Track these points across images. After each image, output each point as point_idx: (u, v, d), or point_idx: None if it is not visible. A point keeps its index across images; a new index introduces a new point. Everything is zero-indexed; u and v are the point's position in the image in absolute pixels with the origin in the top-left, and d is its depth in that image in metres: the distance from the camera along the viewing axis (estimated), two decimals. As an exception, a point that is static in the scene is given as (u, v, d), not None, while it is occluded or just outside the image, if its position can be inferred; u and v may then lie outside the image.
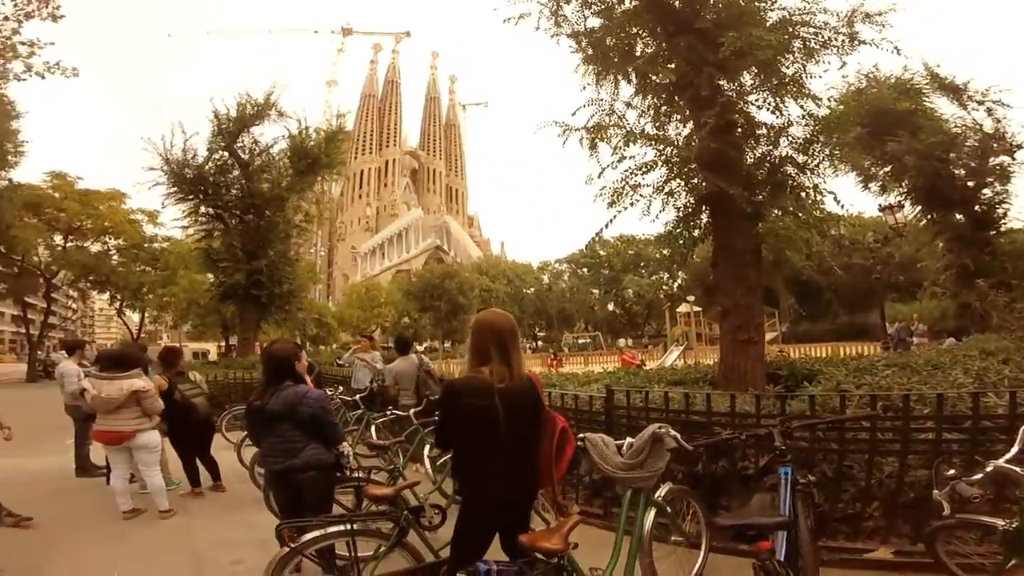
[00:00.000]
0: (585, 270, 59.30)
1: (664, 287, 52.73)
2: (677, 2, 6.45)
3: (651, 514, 2.65)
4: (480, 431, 2.18)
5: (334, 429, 3.18)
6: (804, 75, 6.13)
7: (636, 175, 6.22)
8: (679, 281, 48.91)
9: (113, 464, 4.95)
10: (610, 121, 6.57)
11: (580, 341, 48.17)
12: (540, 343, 59.10)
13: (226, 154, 16.02)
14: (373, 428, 5.95)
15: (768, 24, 6.01)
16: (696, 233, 6.79)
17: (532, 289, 60.06)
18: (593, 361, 28.29)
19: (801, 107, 6.13)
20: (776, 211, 6.21)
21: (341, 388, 7.92)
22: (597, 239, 7.60)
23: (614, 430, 4.15)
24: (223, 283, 16.23)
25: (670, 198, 6.50)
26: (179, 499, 5.22)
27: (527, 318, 57.61)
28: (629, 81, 7.03)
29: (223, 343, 32.31)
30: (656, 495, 2.76)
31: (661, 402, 4.32)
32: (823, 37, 6.02)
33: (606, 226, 6.50)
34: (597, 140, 6.47)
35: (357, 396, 7.10)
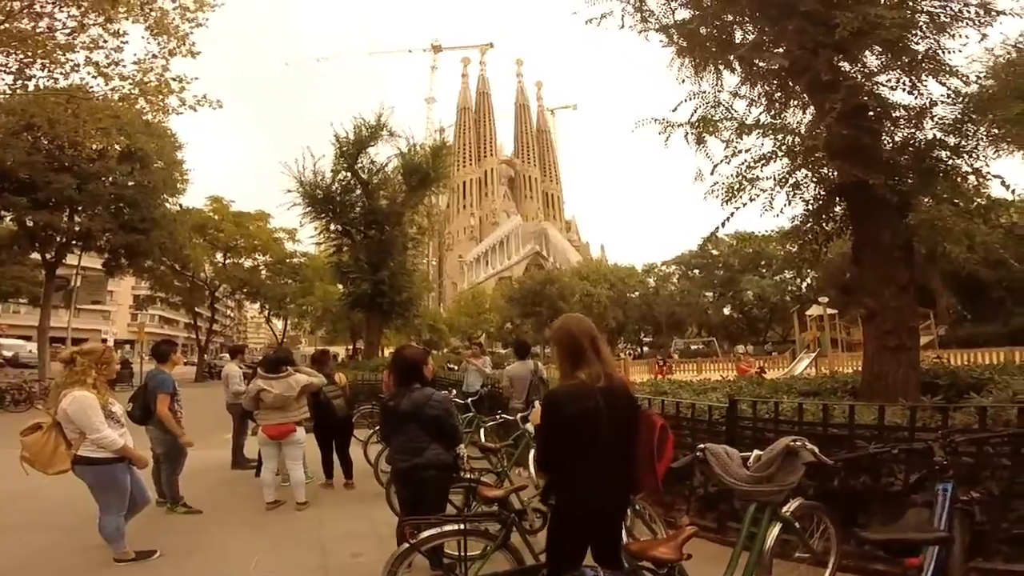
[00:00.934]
0: (697, 271, 54.79)
1: (791, 288, 47.78)
2: None
3: (775, 529, 2.56)
4: (584, 435, 2.14)
5: (455, 431, 3.33)
6: (939, 51, 5.29)
7: (754, 168, 5.73)
8: (808, 281, 44.17)
9: (265, 458, 5.52)
10: (716, 113, 6.17)
11: (692, 347, 45.23)
12: (646, 348, 56.80)
13: (349, 174, 17.67)
14: (482, 431, 6.17)
15: (883, 0, 5.27)
16: (829, 227, 6.11)
17: (637, 293, 57.21)
18: (707, 368, 26.41)
19: (944, 84, 5.30)
20: (927, 200, 5.38)
21: (454, 391, 8.30)
22: (711, 238, 7.11)
23: (736, 442, 3.88)
24: (352, 293, 18.00)
25: (796, 191, 5.95)
26: (313, 491, 5.73)
27: (631, 323, 55.58)
28: (732, 70, 6.57)
29: (351, 346, 35.66)
30: (784, 510, 2.64)
31: (793, 414, 3.97)
32: (952, 9, 5.17)
33: (723, 224, 6.05)
34: (704, 134, 6.10)
35: (468, 400, 7.40)
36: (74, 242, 20.26)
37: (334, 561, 3.94)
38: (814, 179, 5.96)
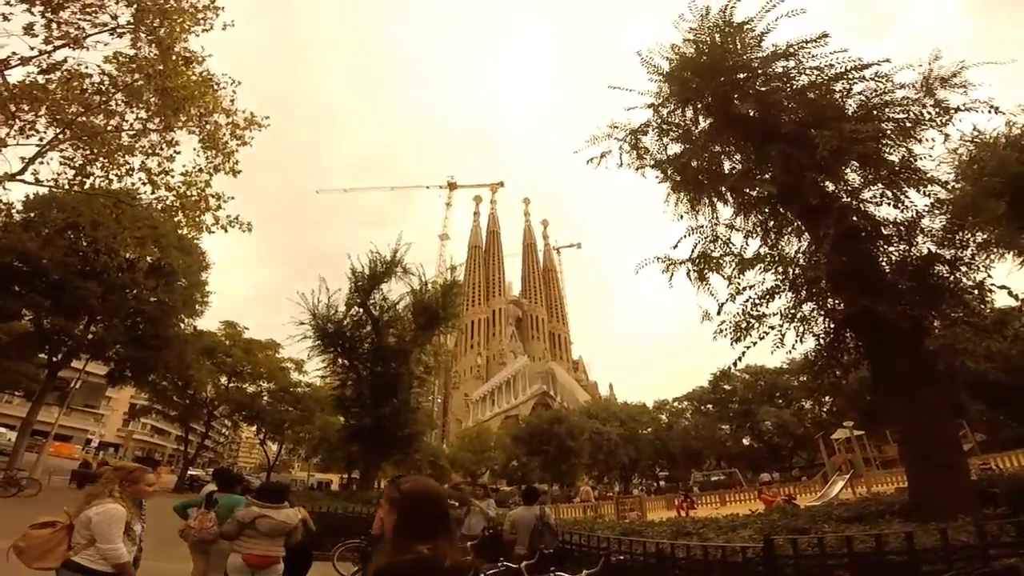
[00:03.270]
0: (711, 406, 54.42)
1: (810, 415, 46.59)
2: (752, 112, 6.44)
3: None
4: None
5: None
6: (912, 158, 5.64)
7: (759, 305, 5.76)
8: (827, 407, 42.79)
9: None
10: (716, 248, 6.31)
11: (712, 478, 42.24)
12: (662, 483, 53.74)
13: (361, 310, 18.08)
14: (482, 577, 5.44)
15: (849, 113, 5.75)
16: (845, 359, 5.91)
17: (649, 429, 56.01)
18: (732, 499, 24.10)
19: (925, 194, 5.54)
20: (938, 321, 5.30)
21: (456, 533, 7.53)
22: (724, 376, 6.90)
23: None
24: (352, 425, 17.66)
25: (805, 325, 5.90)
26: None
27: (645, 458, 53.91)
28: (725, 202, 6.86)
29: (346, 476, 33.72)
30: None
31: (840, 544, 3.51)
32: (913, 113, 5.62)
33: (734, 364, 5.92)
34: (706, 271, 6.20)
35: (468, 543, 6.87)
36: (83, 350, 20.42)
37: None
38: (821, 311, 5.94)
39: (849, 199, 5.80)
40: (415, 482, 2.03)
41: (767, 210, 6.54)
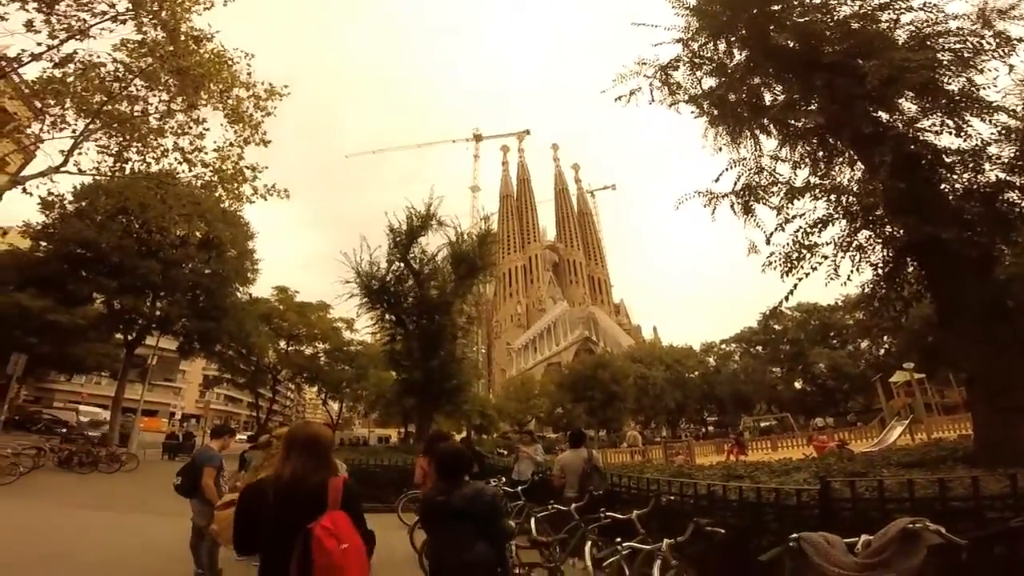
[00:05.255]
0: (760, 348, 52.49)
1: (867, 357, 44.23)
2: (792, 43, 5.90)
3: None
4: None
5: (503, 530, 3.13)
6: (974, 88, 5.06)
7: (811, 234, 5.47)
8: (886, 347, 40.85)
9: None
10: (761, 179, 6.04)
11: (763, 424, 41.66)
12: (710, 429, 53.39)
13: (402, 264, 18.49)
14: (533, 521, 5.69)
15: (899, 43, 5.18)
16: (906, 292, 5.55)
17: (696, 373, 54.91)
18: (784, 446, 23.91)
19: (991, 122, 5.00)
20: (1008, 250, 4.88)
21: (503, 479, 7.84)
22: (774, 314, 6.71)
23: (833, 527, 3.34)
24: (404, 379, 18.36)
25: (861, 254, 5.57)
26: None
27: (692, 403, 53.28)
28: (768, 134, 6.48)
29: (402, 429, 35.53)
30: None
31: (901, 489, 3.44)
32: (971, 44, 5.02)
33: (786, 298, 5.67)
34: (751, 203, 5.92)
35: (519, 488, 7.03)
36: (153, 326, 22.06)
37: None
38: (879, 240, 5.56)
39: (905, 129, 5.30)
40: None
41: (815, 140, 6.11)
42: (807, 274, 5.38)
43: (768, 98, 6.44)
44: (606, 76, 7.21)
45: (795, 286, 5.42)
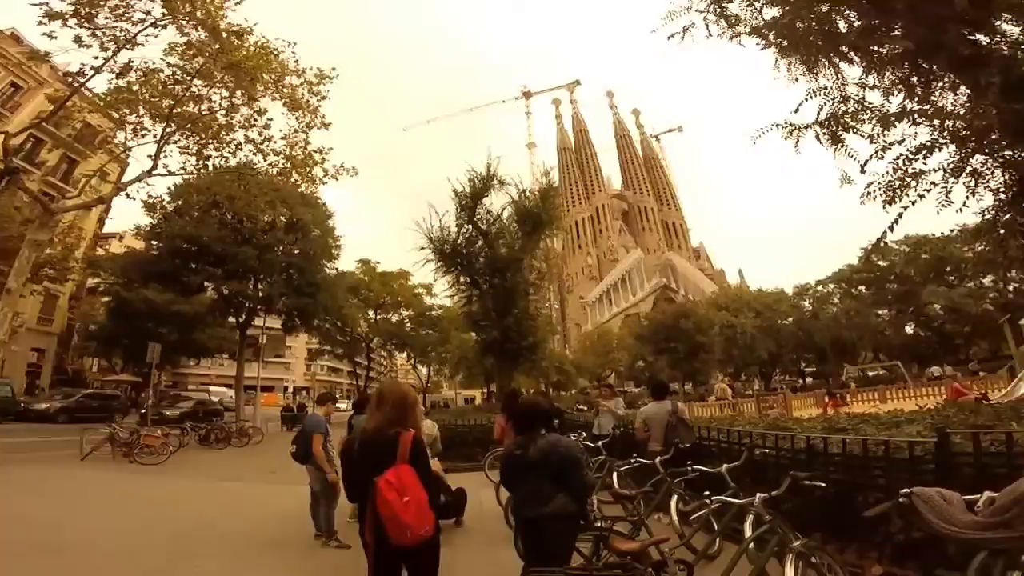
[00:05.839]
0: (863, 288, 46.36)
1: (992, 295, 37.88)
2: None
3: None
4: None
5: (582, 481, 3.09)
6: None
7: (914, 160, 4.95)
8: (1015, 284, 35.24)
9: None
10: (848, 108, 5.53)
11: (870, 373, 37.94)
12: (809, 380, 49.35)
13: (470, 227, 18.80)
14: (616, 475, 5.67)
15: None
16: None
17: (790, 319, 50.24)
18: (895, 397, 21.83)
19: None
20: None
21: (584, 433, 7.88)
22: (877, 248, 6.14)
23: (949, 482, 3.03)
24: (483, 340, 18.99)
25: (977, 179, 5.00)
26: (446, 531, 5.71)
27: (786, 352, 48.95)
28: (849, 61, 5.84)
29: (486, 390, 37.08)
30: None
31: None
32: None
33: (890, 228, 5.16)
34: (839, 132, 5.43)
35: (600, 442, 7.01)
36: (258, 307, 24.34)
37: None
38: (997, 163, 4.91)
39: (1012, 51, 4.57)
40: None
41: (906, 65, 5.37)
42: (913, 203, 4.95)
43: (843, 25, 5.72)
44: (655, 15, 6.67)
45: (900, 216, 4.94)
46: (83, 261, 27.87)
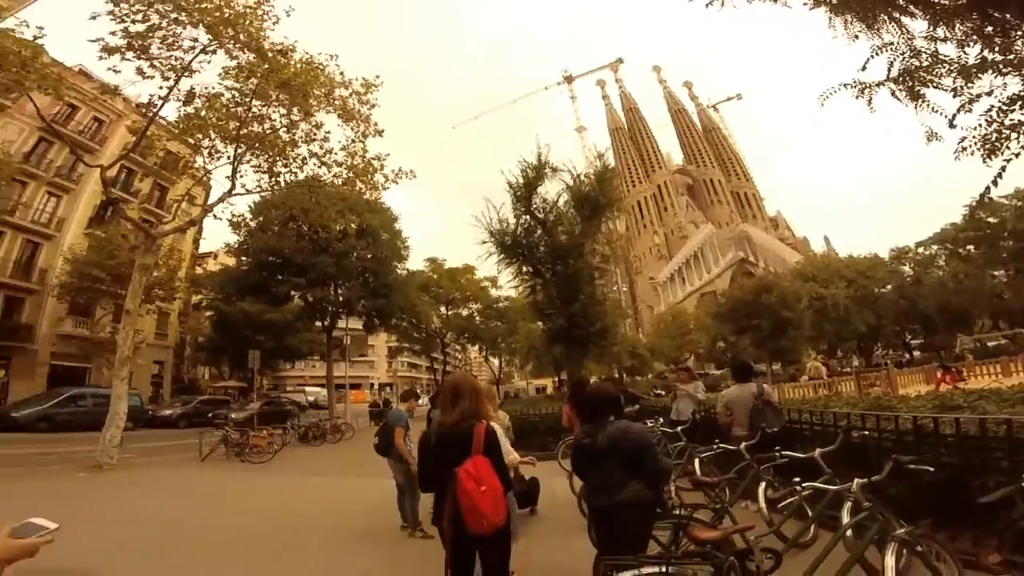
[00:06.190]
0: (971, 248, 41.02)
1: None
2: None
3: None
4: None
5: (658, 467, 3.01)
6: None
7: (1009, 112, 4.50)
8: None
9: None
10: (921, 62, 5.11)
11: (990, 344, 33.52)
12: (916, 353, 44.44)
13: (527, 217, 18.73)
14: (697, 462, 5.46)
15: None
16: None
17: (888, 287, 45.26)
18: (1020, 369, 19.03)
19: None
20: None
21: (661, 419, 7.67)
22: (983, 202, 5.54)
23: None
24: (550, 328, 18.91)
25: None
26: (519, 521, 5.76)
27: (887, 324, 44.01)
28: (911, 15, 5.35)
29: (556, 378, 37.18)
30: None
31: None
32: None
33: (994, 182, 4.62)
34: (916, 87, 5.02)
35: (679, 428, 6.79)
36: (340, 310, 26.00)
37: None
38: None
39: None
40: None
41: (975, 16, 4.85)
42: (1016, 155, 4.48)
43: None
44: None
45: (1003, 169, 4.45)
46: (186, 280, 31.09)
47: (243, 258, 26.03)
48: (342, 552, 5.18)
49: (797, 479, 3.78)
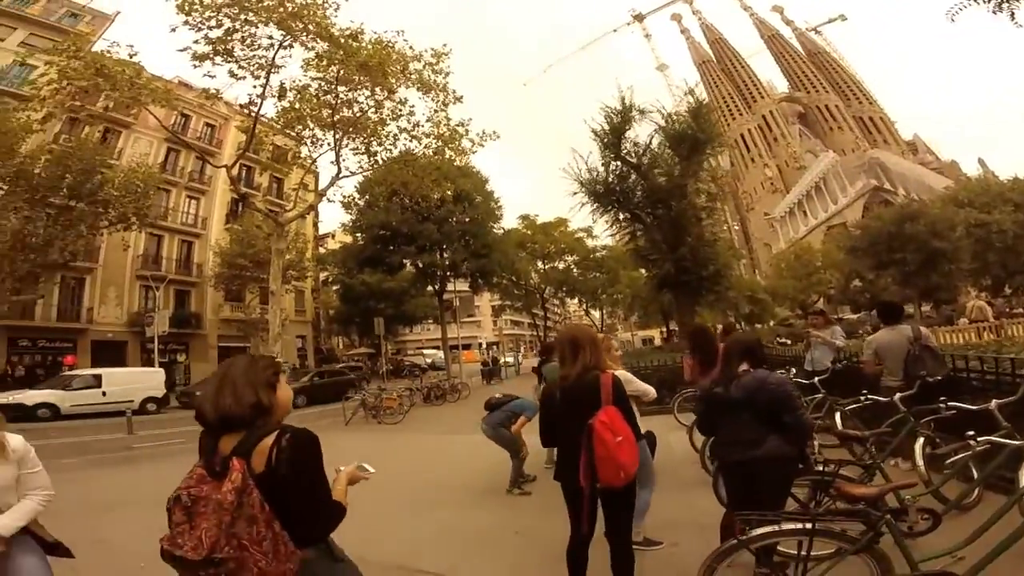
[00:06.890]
0: None
1: None
2: None
3: None
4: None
5: (799, 420, 2.74)
6: None
7: None
8: None
9: None
10: None
11: None
12: None
13: (618, 163, 17.77)
14: (838, 415, 4.93)
15: None
16: None
17: None
18: None
19: None
20: None
21: (793, 370, 6.99)
22: None
23: None
24: (655, 275, 18.20)
25: None
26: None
27: None
28: None
29: (664, 329, 35.91)
30: None
31: None
32: None
33: None
34: None
35: (816, 379, 6.07)
36: (448, 273, 27.60)
37: (652, 550, 3.75)
38: None
39: None
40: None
41: None
42: None
43: None
44: None
45: None
46: (313, 260, 34.53)
47: (358, 234, 28.41)
48: (469, 509, 5.34)
49: (971, 432, 3.24)
